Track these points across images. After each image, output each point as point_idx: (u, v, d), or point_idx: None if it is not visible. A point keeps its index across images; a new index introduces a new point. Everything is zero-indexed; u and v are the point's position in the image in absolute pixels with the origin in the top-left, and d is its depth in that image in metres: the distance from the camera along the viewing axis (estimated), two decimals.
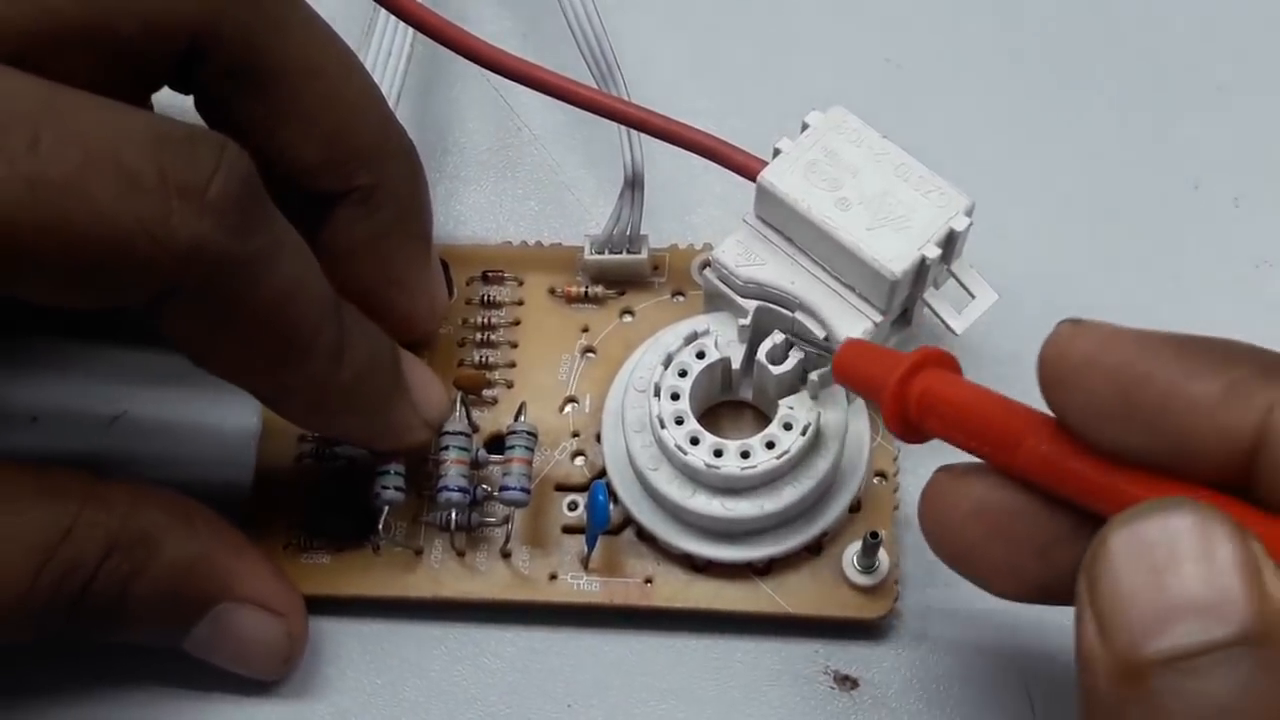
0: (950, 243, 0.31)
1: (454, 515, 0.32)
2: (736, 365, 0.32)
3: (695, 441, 0.31)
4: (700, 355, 0.32)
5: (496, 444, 0.33)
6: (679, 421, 0.31)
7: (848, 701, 0.32)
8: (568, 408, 0.34)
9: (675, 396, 0.32)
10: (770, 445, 0.31)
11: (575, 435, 0.34)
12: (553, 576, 0.33)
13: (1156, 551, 0.21)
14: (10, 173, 0.23)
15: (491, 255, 0.36)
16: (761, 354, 0.32)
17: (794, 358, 0.31)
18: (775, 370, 0.31)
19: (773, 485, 0.31)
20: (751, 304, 0.32)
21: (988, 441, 0.25)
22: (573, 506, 0.33)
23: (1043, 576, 0.26)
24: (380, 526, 0.32)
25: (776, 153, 0.31)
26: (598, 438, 0.33)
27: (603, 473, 0.33)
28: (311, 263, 0.28)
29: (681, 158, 0.33)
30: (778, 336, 0.32)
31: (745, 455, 0.31)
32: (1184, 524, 0.21)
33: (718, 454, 0.31)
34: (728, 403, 0.34)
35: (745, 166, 0.32)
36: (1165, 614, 0.21)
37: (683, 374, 0.32)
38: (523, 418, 0.33)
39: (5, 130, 0.24)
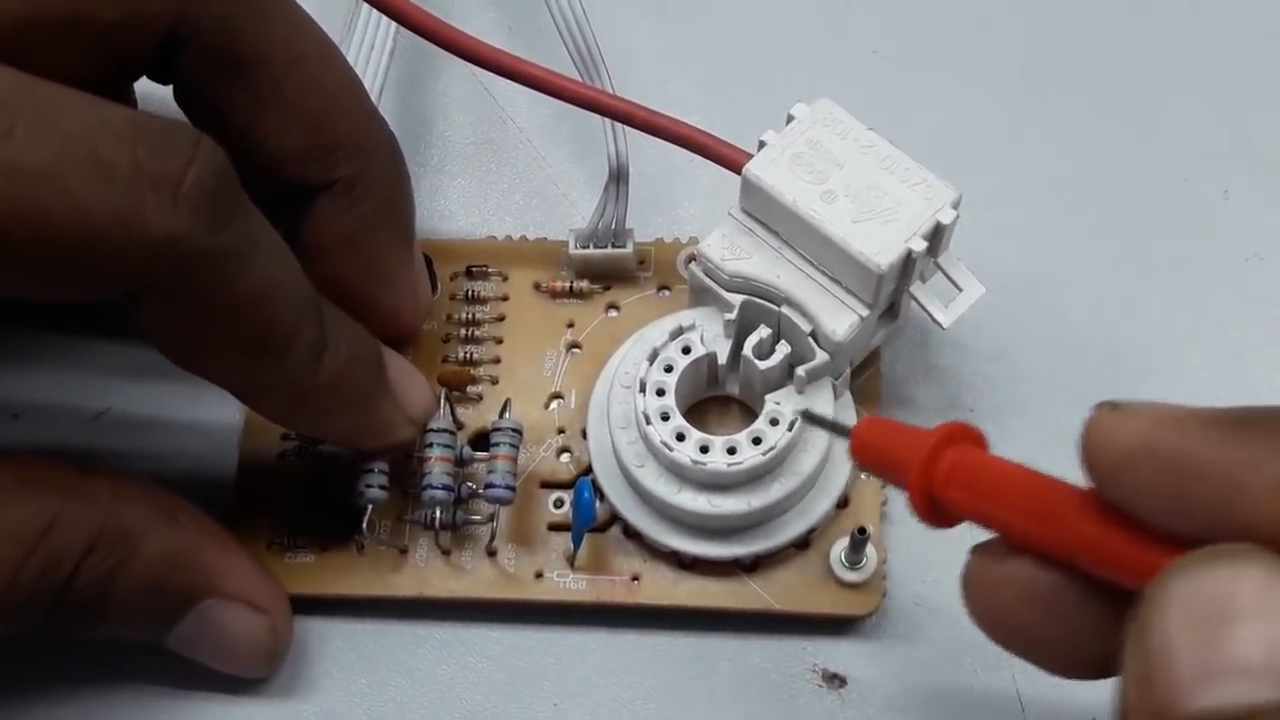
0: (937, 236, 0.31)
1: (438, 513, 0.32)
2: (723, 360, 0.32)
3: (681, 437, 0.31)
4: (686, 350, 0.32)
5: (481, 441, 0.33)
6: (665, 417, 0.31)
7: (835, 699, 0.32)
8: (553, 404, 0.34)
9: (661, 392, 0.31)
10: (757, 441, 0.31)
11: (561, 432, 0.34)
12: (539, 575, 0.32)
13: (1213, 603, 0.19)
14: None
15: (476, 250, 0.36)
16: (748, 349, 0.31)
17: (780, 352, 0.31)
18: (761, 365, 0.31)
19: (760, 481, 0.31)
20: (737, 298, 0.32)
21: (1029, 515, 0.23)
22: (559, 504, 0.33)
23: (1107, 653, 0.23)
24: (364, 525, 0.32)
25: (762, 145, 0.31)
26: (583, 434, 0.33)
27: (589, 469, 0.33)
28: (290, 260, 0.28)
29: (666, 151, 0.33)
30: (764, 331, 0.31)
31: (732, 451, 0.31)
32: (1247, 574, 0.19)
33: (704, 450, 0.31)
34: (714, 398, 0.33)
35: (730, 159, 0.32)
36: (1213, 670, 0.19)
37: (668, 369, 0.32)
38: (507, 414, 0.33)
39: None
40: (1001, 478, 0.24)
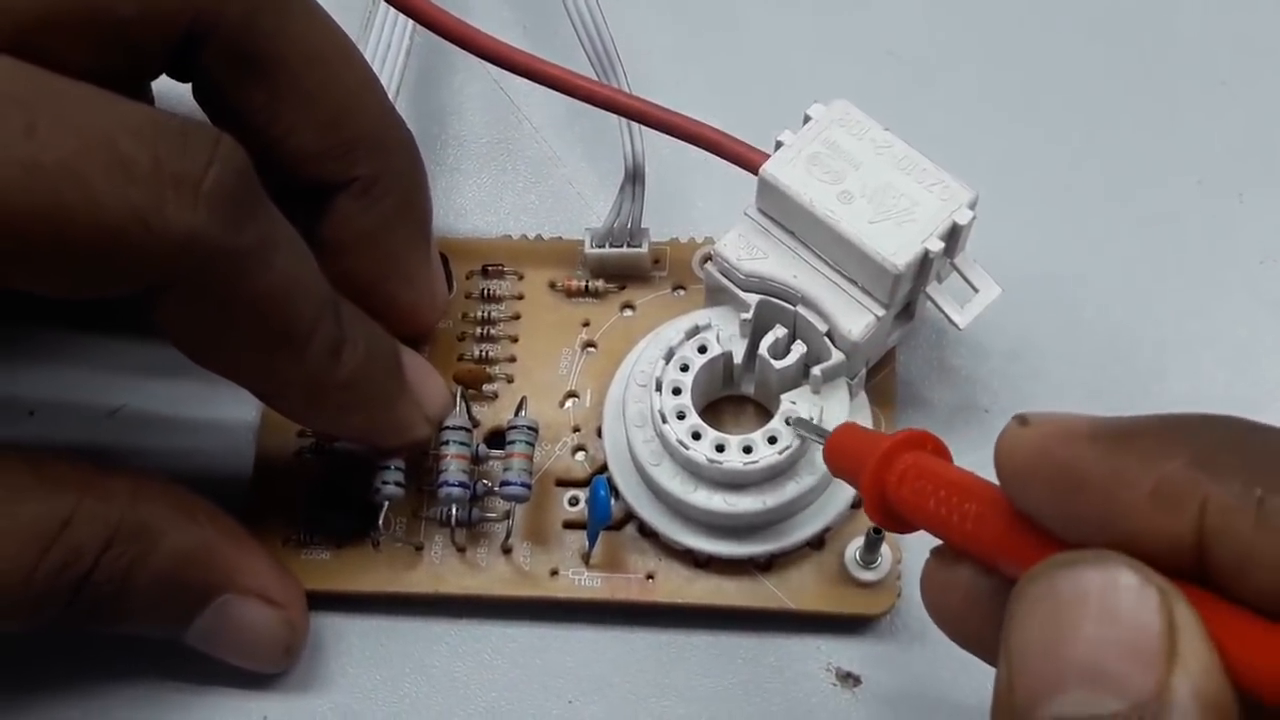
0: (954, 236, 0.31)
1: (454, 511, 0.32)
2: (738, 360, 0.32)
3: (697, 436, 0.31)
4: (702, 349, 0.32)
5: (497, 439, 0.33)
6: (680, 416, 0.31)
7: (849, 698, 0.32)
8: (568, 402, 0.34)
9: (677, 391, 0.31)
10: (772, 440, 0.31)
11: (576, 430, 0.34)
12: (554, 572, 0.32)
13: (1064, 607, 0.19)
14: (6, 158, 0.23)
15: (491, 249, 0.36)
16: (763, 348, 0.31)
17: (796, 352, 0.31)
18: (777, 364, 0.31)
19: (775, 480, 0.31)
20: (753, 298, 0.32)
21: (963, 519, 0.23)
22: (574, 502, 0.33)
23: None
24: (380, 522, 0.32)
25: (778, 145, 0.31)
26: (599, 432, 0.33)
27: (604, 468, 0.33)
28: (308, 258, 0.28)
29: (682, 150, 0.33)
30: (780, 331, 0.31)
31: (747, 450, 0.31)
32: (1098, 580, 0.19)
33: (720, 449, 0.31)
34: (729, 397, 0.34)
35: (747, 159, 0.32)
36: (1060, 677, 0.19)
37: (684, 368, 0.32)
38: (523, 412, 0.33)
39: (2, 116, 0.23)
40: (943, 484, 0.24)
